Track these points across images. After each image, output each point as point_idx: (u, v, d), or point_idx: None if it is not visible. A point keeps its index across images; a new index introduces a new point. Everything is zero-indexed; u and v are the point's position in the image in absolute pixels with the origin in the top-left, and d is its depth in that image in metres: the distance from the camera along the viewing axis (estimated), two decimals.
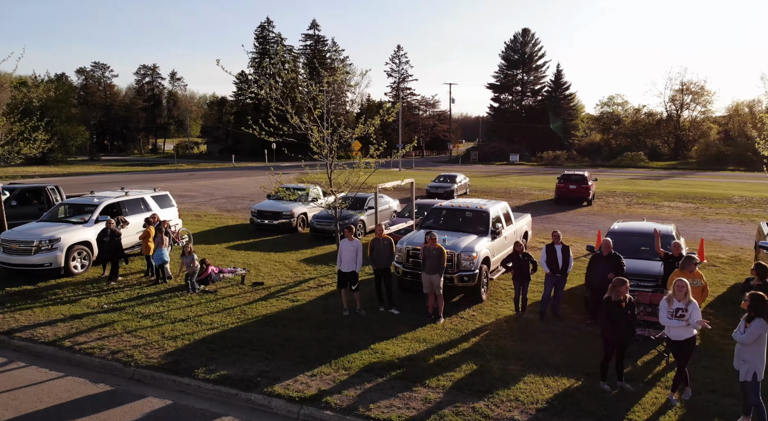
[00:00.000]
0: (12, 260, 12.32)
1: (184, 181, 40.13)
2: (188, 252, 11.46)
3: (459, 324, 9.29)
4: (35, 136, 16.08)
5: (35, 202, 17.30)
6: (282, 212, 18.56)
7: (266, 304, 10.54)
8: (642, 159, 69.35)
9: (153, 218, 13.24)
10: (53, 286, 11.89)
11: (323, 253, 15.48)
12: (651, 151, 76.34)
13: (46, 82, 70.34)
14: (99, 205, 13.73)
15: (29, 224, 13.37)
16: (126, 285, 11.99)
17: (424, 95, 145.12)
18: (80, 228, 13.04)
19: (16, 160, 16.18)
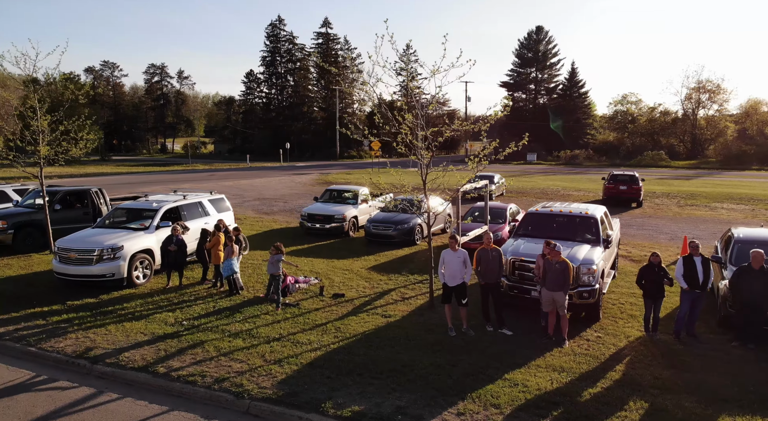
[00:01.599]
0: (70, 270, 11.43)
1: (207, 183, 39.24)
2: (275, 252, 10.55)
3: (589, 348, 8.36)
4: (82, 135, 15.20)
5: (78, 205, 16.42)
6: (334, 215, 17.64)
7: (358, 320, 9.62)
8: (663, 158, 68.22)
9: (221, 223, 12.33)
10: (117, 299, 11.00)
11: (387, 260, 14.56)
12: (669, 151, 75.21)
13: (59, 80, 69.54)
14: (159, 210, 12.83)
15: (85, 231, 12.49)
16: (197, 297, 11.09)
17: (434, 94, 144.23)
18: (142, 235, 12.14)
19: (61, 160, 15.29)
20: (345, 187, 20.09)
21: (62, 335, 8.95)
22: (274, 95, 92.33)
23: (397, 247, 16.02)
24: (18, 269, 13.39)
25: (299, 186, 37.98)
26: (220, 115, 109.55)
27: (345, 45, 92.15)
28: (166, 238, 11.87)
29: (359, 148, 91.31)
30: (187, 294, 11.31)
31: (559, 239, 10.36)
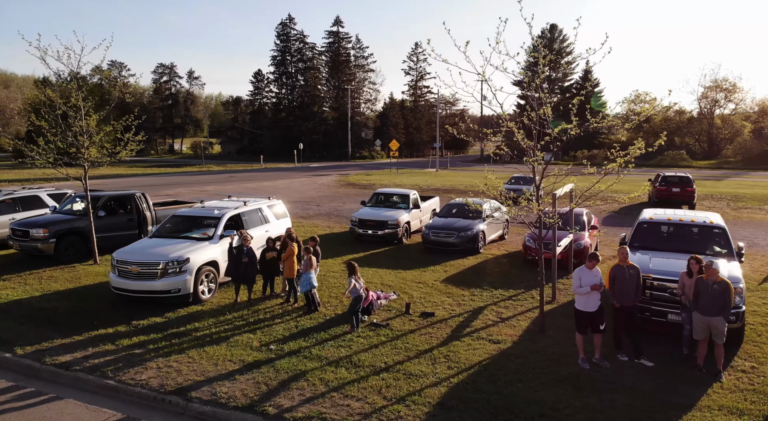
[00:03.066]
0: (131, 285, 10.42)
1: (229, 185, 38.26)
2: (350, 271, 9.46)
3: (753, 382, 7.27)
4: (128, 137, 14.20)
5: (121, 212, 15.43)
6: (387, 221, 16.58)
7: (465, 346, 8.56)
8: (684, 158, 67.12)
9: (292, 232, 11.29)
10: (186, 317, 9.99)
11: (457, 270, 13.48)
12: (686, 151, 73.96)
13: None
14: (222, 218, 11.81)
15: (144, 242, 11.47)
16: (272, 315, 10.07)
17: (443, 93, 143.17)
18: (206, 245, 11.12)
19: (105, 162, 14.29)
20: (394, 190, 19.03)
21: (140, 364, 7.94)
22: (284, 95, 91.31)
23: (460, 255, 14.96)
24: (64, 282, 12.39)
25: (324, 188, 36.96)
26: (225, 116, 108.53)
27: (357, 43, 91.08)
28: (236, 248, 10.85)
29: (371, 148, 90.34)
30: (261, 312, 10.28)
31: (681, 251, 9.33)
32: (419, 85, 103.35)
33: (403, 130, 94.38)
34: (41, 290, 11.71)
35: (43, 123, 13.53)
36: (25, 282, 12.36)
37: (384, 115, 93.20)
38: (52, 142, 13.87)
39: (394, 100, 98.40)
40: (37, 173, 50.42)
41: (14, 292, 11.57)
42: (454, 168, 62.25)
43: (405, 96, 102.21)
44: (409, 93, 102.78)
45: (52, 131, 13.63)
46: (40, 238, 13.45)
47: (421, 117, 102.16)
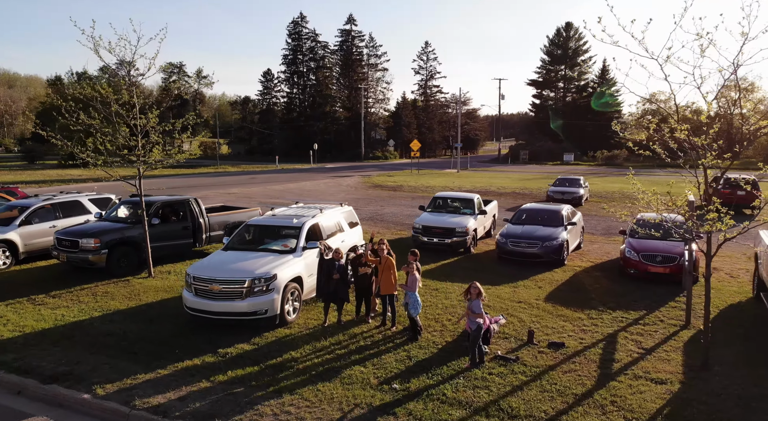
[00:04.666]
0: (212, 306, 9.15)
1: (254, 187, 37.02)
2: (476, 295, 8.12)
3: None
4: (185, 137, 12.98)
5: (173, 219, 14.18)
6: (455, 228, 15.26)
7: (626, 388, 7.17)
8: None
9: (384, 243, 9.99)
10: (277, 344, 8.73)
11: (553, 286, 12.09)
12: None
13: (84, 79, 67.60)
14: (303, 228, 10.54)
15: (221, 255, 10.17)
16: (372, 341, 8.81)
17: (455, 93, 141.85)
18: (290, 259, 9.85)
19: (159, 166, 13.07)
20: (456, 194, 17.75)
21: (250, 407, 6.68)
22: (295, 94, 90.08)
23: (543, 268, 13.62)
24: (123, 299, 11.15)
25: (353, 190, 35.71)
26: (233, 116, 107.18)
27: (370, 42, 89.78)
28: (327, 262, 9.59)
29: (384, 148, 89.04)
30: (359, 337, 9.01)
31: None
32: (429, 84, 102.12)
33: (415, 130, 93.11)
34: (100, 309, 10.48)
35: (95, 122, 12.30)
36: (79, 299, 11.13)
37: (397, 114, 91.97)
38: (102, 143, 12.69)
39: (407, 100, 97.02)
40: (51, 174, 49.33)
41: (70, 311, 10.34)
42: (474, 168, 60.95)
43: (415, 95, 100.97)
44: (418, 93, 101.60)
45: (103, 131, 12.42)
46: (91, 249, 12.21)
47: (433, 117, 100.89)
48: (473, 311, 7.83)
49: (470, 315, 7.85)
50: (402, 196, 32.13)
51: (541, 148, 78.00)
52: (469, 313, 7.86)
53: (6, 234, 13.23)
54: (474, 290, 7.96)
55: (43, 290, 11.70)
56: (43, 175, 45.37)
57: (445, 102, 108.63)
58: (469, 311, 7.87)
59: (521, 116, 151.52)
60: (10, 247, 13.32)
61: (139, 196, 14.81)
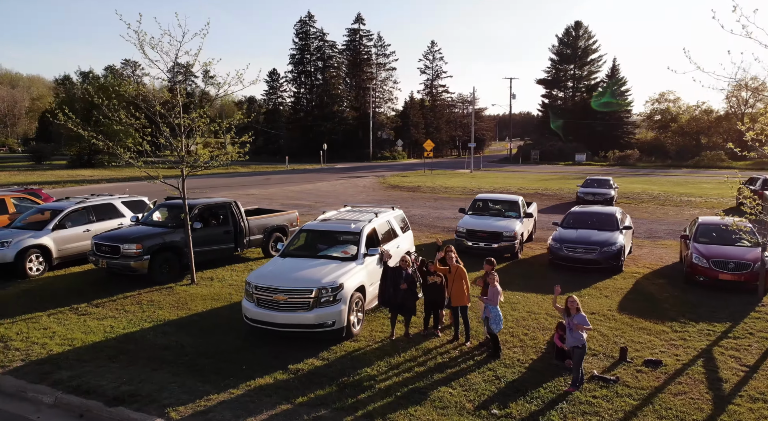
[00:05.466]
0: (277, 318, 8.54)
1: (272, 188, 36.39)
2: (575, 309, 7.45)
3: None
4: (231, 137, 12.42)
5: (214, 222, 13.60)
6: (502, 232, 14.65)
7: (751, 414, 6.51)
8: (723, 159, 64.89)
9: (451, 249, 9.39)
10: (348, 359, 8.14)
11: (620, 295, 11.39)
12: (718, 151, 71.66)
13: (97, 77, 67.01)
14: (362, 233, 9.92)
15: (278, 263, 9.54)
16: (449, 358, 8.20)
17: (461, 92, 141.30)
18: (354, 267, 9.24)
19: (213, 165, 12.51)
20: (499, 196, 17.14)
21: None
22: (302, 94, 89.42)
23: (600, 274, 12.94)
24: (170, 308, 10.57)
25: (371, 191, 35.11)
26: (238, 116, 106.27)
27: (378, 41, 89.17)
28: (391, 271, 9.00)
29: (391, 148, 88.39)
30: (434, 353, 8.40)
31: None
32: (435, 84, 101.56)
33: (423, 129, 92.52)
34: (149, 320, 9.90)
35: (139, 121, 11.76)
36: (124, 308, 10.55)
37: (405, 114, 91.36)
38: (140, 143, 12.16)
39: (414, 100, 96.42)
40: (62, 175, 48.68)
41: (118, 322, 9.76)
42: (486, 168, 60.37)
43: (421, 95, 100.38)
44: (424, 92, 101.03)
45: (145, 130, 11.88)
46: (133, 254, 11.62)
47: (441, 116, 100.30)
48: (579, 326, 7.19)
49: (572, 331, 7.23)
50: (423, 197, 31.54)
51: (552, 148, 77.33)
52: (574, 327, 7.21)
53: (39, 239, 12.64)
54: (572, 305, 7.33)
55: (83, 298, 11.13)
56: (54, 176, 44.78)
57: (451, 102, 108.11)
58: (572, 327, 7.23)
59: (523, 116, 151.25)
60: (43, 252, 12.74)
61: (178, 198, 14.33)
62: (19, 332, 9.26)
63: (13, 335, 9.12)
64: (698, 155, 67.37)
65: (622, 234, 13.84)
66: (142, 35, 11.20)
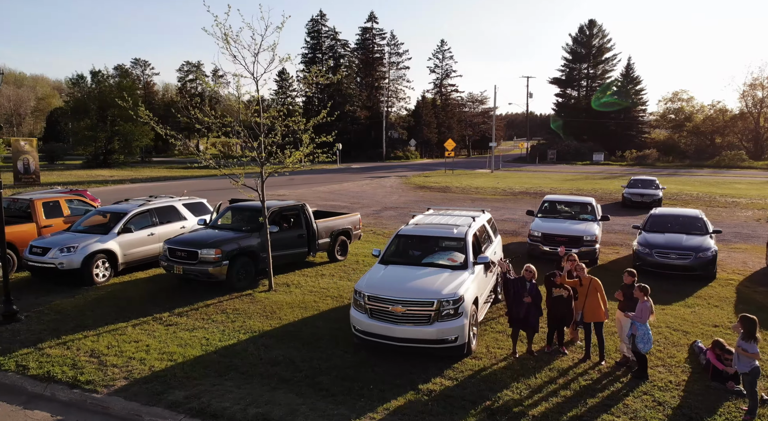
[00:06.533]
0: (395, 331, 7.88)
1: (296, 188, 35.75)
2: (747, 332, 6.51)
3: None
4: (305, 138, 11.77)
5: (285, 225, 12.95)
6: (582, 236, 13.98)
7: None
8: (744, 159, 64.14)
9: (574, 258, 8.74)
10: (477, 379, 7.49)
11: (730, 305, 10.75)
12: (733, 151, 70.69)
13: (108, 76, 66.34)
14: (467, 239, 9.24)
15: (383, 270, 8.84)
16: (592, 379, 7.56)
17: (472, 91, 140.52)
18: (467, 276, 8.56)
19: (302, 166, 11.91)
20: (570, 198, 16.44)
21: None
22: (314, 94, 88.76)
23: (692, 282, 12.28)
24: (260, 317, 9.90)
25: (401, 191, 34.43)
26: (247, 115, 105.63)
27: (392, 40, 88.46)
28: (512, 283, 8.35)
29: (405, 148, 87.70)
30: (570, 373, 7.72)
31: None
32: (444, 83, 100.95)
33: (435, 129, 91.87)
34: (243, 331, 9.26)
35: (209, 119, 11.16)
36: (210, 318, 9.91)
37: (417, 114, 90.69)
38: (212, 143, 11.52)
39: (426, 99, 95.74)
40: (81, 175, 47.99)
41: (211, 334, 9.12)
42: (506, 168, 59.67)
43: (430, 94, 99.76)
44: (434, 91, 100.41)
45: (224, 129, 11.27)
46: (212, 260, 10.98)
47: (452, 116, 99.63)
48: (746, 350, 6.51)
49: (742, 354, 6.54)
50: (458, 198, 30.86)
51: (567, 148, 76.64)
52: (740, 351, 6.54)
53: (106, 243, 12.01)
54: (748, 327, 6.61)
55: (161, 306, 10.50)
56: (74, 176, 44.15)
57: (461, 101, 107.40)
58: (740, 350, 6.56)
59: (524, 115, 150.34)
60: (109, 257, 12.12)
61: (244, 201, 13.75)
62: (109, 345, 8.63)
63: (104, 348, 8.49)
64: (718, 155, 66.60)
65: (713, 238, 13.16)
66: (227, 29, 10.56)
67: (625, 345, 7.95)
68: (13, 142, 19.96)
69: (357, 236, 15.29)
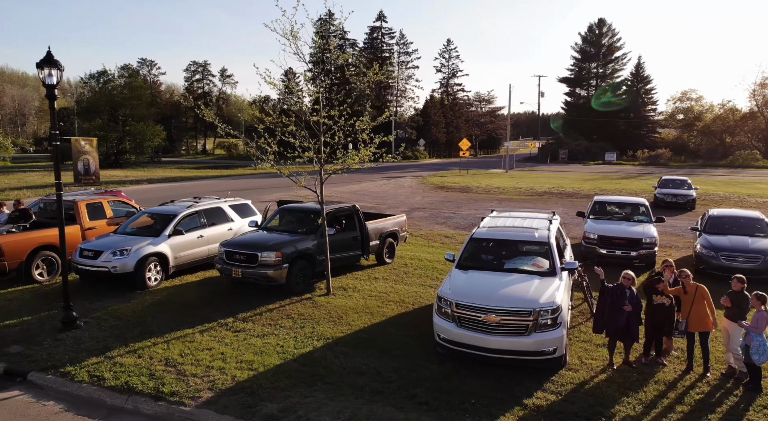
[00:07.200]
0: (488, 342, 7.44)
1: None
2: None
3: None
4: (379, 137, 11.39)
5: (337, 227, 12.57)
6: (642, 239, 13.55)
7: None
8: (758, 158, 63.72)
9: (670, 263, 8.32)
10: (579, 393, 7.09)
11: None
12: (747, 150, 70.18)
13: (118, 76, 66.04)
14: (550, 243, 8.85)
15: (466, 276, 8.42)
16: (703, 392, 7.16)
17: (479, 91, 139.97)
18: (558, 283, 8.15)
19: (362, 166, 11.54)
20: (621, 198, 15.96)
21: None
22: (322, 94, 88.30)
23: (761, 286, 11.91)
24: (328, 323, 9.50)
25: (421, 191, 34.02)
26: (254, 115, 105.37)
27: (401, 39, 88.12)
28: (609, 291, 7.94)
29: (413, 148, 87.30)
30: (678, 387, 7.31)
31: None
32: (451, 82, 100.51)
33: (444, 129, 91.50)
34: (315, 337, 8.86)
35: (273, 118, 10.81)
36: (277, 323, 9.52)
37: (425, 113, 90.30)
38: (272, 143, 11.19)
39: (435, 99, 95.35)
40: None
41: (284, 341, 8.72)
42: (520, 168, 59.33)
43: (437, 94, 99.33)
44: (440, 91, 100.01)
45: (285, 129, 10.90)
46: (272, 263, 10.59)
47: (459, 115, 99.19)
48: None
49: None
50: (482, 198, 30.45)
51: (578, 148, 76.21)
52: None
53: (158, 246, 11.63)
54: None
55: (222, 311, 10.11)
56: None
57: (468, 100, 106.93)
58: None
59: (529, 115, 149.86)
60: (161, 260, 11.74)
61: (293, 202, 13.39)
62: (181, 353, 8.25)
63: (178, 357, 8.11)
64: (731, 155, 66.17)
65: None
66: (292, 23, 10.20)
67: (732, 355, 7.56)
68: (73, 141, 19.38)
69: (403, 238, 14.90)
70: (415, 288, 11.78)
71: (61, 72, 8.90)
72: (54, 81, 8.79)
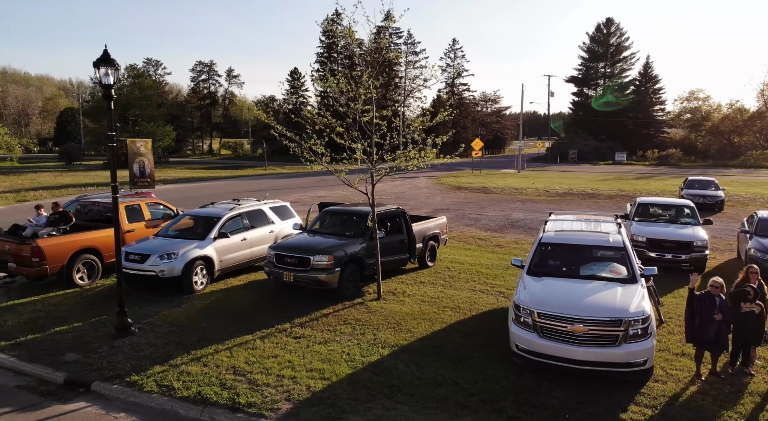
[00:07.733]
0: (574, 353, 7.09)
1: (331, 189, 34.98)
2: None
3: None
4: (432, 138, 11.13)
5: (383, 230, 12.26)
6: (692, 242, 13.22)
7: None
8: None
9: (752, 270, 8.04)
10: (674, 406, 6.77)
11: None
12: None
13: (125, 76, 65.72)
14: (627, 248, 8.54)
15: (536, 283, 8.08)
16: None
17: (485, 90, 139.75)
18: (640, 289, 7.84)
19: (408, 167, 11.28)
20: (666, 200, 15.55)
21: None
22: (328, 93, 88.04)
23: None
24: (388, 330, 9.19)
25: (438, 192, 33.71)
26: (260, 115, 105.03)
27: (408, 39, 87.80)
28: (698, 298, 7.62)
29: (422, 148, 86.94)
30: None
31: None
32: (456, 82, 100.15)
33: (451, 129, 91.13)
34: (380, 344, 8.53)
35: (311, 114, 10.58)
36: (335, 329, 9.20)
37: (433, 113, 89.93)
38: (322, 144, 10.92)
39: (442, 99, 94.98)
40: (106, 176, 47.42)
41: (348, 348, 8.39)
42: (532, 168, 59.03)
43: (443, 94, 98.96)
44: (445, 91, 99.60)
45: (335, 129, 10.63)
46: (324, 267, 10.28)
47: (466, 115, 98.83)
48: None
49: None
50: (503, 199, 30.12)
51: (588, 148, 75.83)
52: None
53: (204, 249, 11.33)
54: None
55: (277, 316, 9.80)
56: (101, 178, 43.41)
57: (473, 100, 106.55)
58: None
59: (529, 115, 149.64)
60: (207, 264, 11.44)
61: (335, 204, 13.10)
62: (247, 361, 7.94)
63: (245, 365, 7.80)
64: (742, 155, 65.79)
65: None
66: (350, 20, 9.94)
67: None
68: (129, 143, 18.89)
69: (444, 241, 14.59)
70: (467, 293, 11.46)
71: (118, 71, 8.62)
72: (111, 81, 8.51)
